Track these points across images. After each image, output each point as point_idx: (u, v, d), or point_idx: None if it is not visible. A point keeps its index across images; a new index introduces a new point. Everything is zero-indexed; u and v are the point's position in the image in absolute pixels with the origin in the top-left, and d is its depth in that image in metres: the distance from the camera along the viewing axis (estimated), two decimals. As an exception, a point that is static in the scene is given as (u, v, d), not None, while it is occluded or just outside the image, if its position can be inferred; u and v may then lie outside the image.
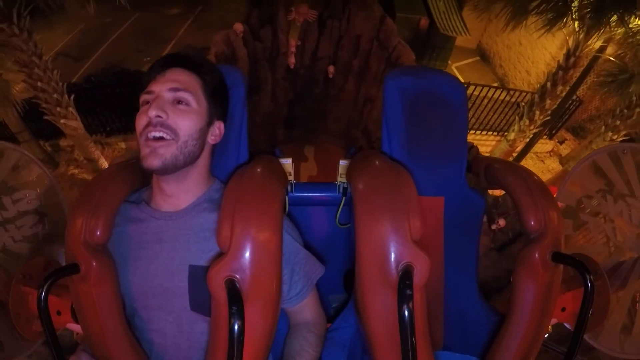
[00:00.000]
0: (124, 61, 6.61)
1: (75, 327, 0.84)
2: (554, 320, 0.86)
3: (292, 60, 3.72)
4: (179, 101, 0.75)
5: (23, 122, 4.55)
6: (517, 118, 4.87)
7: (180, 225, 0.77)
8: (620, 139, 4.92)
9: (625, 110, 4.66)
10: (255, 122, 3.93)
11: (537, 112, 4.53)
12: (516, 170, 0.86)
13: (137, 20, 8.16)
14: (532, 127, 4.65)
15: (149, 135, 0.72)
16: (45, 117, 3.83)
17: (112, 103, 5.03)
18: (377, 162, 0.85)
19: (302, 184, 1.01)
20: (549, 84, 4.34)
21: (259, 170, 0.78)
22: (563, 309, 0.86)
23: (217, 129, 0.82)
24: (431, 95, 0.94)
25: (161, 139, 0.72)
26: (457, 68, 7.69)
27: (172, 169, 0.74)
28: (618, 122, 4.78)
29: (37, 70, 3.46)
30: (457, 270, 0.98)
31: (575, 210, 1.27)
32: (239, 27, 3.45)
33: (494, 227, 3.07)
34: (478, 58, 8.20)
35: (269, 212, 0.68)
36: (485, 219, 3.11)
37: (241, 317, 0.58)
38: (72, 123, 3.86)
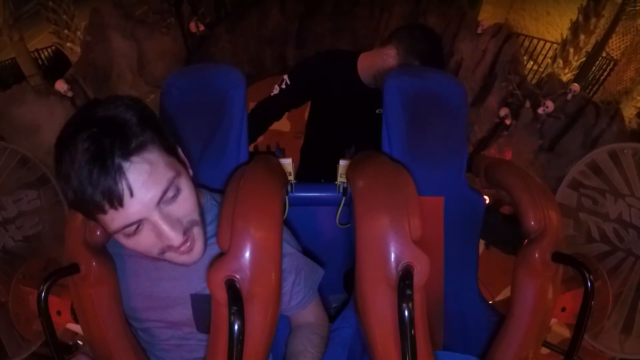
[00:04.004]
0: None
1: (75, 327, 0.84)
2: (554, 320, 0.86)
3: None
4: (172, 196, 0.59)
5: (36, 66, 4.28)
6: (549, 62, 4.33)
7: None
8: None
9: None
10: (262, 37, 3.53)
11: (572, 51, 4.08)
12: (516, 170, 0.86)
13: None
14: (567, 71, 4.14)
15: (176, 252, 0.62)
16: (54, 42, 3.76)
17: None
18: (377, 162, 0.85)
19: (302, 184, 1.01)
20: (580, 18, 3.93)
21: (258, 170, 0.78)
22: (563, 309, 0.86)
23: (181, 156, 0.65)
24: (431, 95, 0.94)
25: (190, 241, 0.63)
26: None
27: None
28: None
29: None
30: (457, 270, 0.98)
31: (575, 210, 1.27)
32: None
33: (541, 110, 2.51)
34: (506, 36, 8.11)
35: (268, 212, 0.68)
36: (527, 104, 2.52)
37: (241, 317, 0.58)
38: (78, 49, 3.74)
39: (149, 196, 0.55)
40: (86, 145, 0.51)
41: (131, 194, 0.53)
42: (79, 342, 1.01)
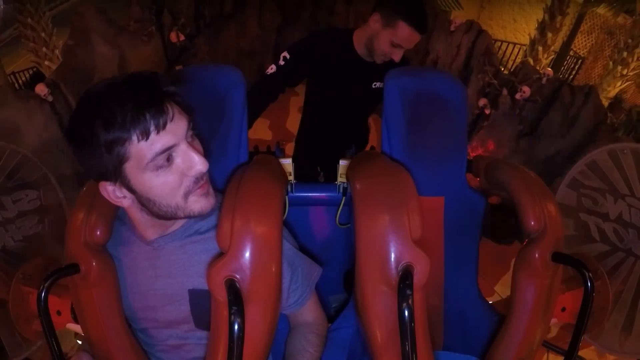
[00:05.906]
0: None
1: (75, 327, 0.84)
2: (554, 320, 0.86)
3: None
4: (191, 135, 0.65)
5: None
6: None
7: (172, 251, 0.73)
8: (632, 72, 4.62)
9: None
10: (241, 49, 3.64)
11: (540, 49, 4.29)
12: (516, 170, 0.86)
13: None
14: (538, 68, 4.29)
15: (199, 190, 0.66)
16: (32, 61, 3.80)
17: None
18: (377, 162, 0.85)
19: (302, 184, 1.01)
20: (546, 17, 4.17)
21: (258, 170, 0.78)
22: (563, 309, 0.86)
23: None
24: (431, 95, 0.94)
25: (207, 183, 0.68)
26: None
27: None
28: (625, 54, 4.52)
29: (29, 6, 3.40)
30: (457, 270, 0.98)
31: (575, 210, 1.27)
32: None
33: (518, 96, 2.61)
34: (474, 44, 8.17)
35: (268, 212, 0.68)
36: (505, 92, 2.64)
37: (241, 317, 0.58)
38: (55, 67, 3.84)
39: (182, 123, 0.62)
40: (129, 83, 0.57)
41: (172, 118, 0.60)
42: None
